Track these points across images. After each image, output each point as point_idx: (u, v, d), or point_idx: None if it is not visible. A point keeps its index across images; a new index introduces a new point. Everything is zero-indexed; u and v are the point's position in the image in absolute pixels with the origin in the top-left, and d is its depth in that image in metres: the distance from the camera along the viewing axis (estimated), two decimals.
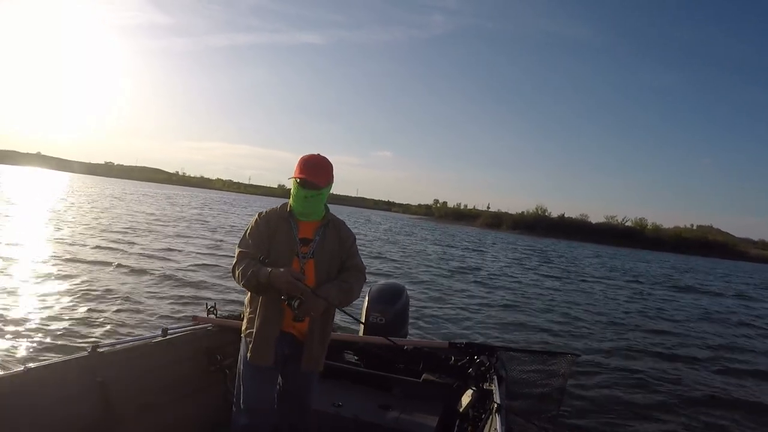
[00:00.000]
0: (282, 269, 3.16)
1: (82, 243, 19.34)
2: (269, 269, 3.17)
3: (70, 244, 18.56)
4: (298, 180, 3.34)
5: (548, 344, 11.79)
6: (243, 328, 3.48)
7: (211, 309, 4.94)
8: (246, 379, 3.45)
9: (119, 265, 15.05)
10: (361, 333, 5.55)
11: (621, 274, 37.30)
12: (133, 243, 21.04)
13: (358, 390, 4.97)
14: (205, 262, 17.85)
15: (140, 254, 18.00)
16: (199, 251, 20.79)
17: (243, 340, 3.47)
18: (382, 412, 4.61)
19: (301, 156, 3.41)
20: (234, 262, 3.35)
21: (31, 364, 3.40)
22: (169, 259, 17.69)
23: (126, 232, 24.88)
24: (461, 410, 4.47)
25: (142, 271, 14.57)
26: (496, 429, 3.42)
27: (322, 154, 3.47)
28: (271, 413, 3.52)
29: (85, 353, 3.73)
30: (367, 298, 5.70)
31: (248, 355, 3.39)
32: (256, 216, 3.49)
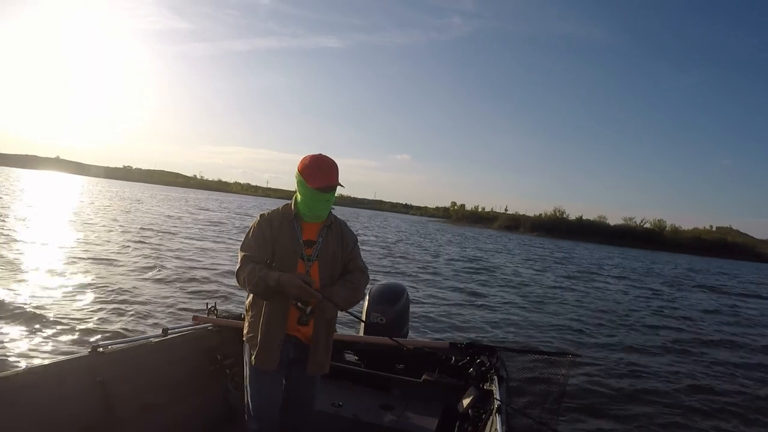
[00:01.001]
0: (292, 274, 3.13)
1: (92, 243, 19.68)
2: (278, 274, 3.12)
3: (81, 245, 18.88)
4: (320, 188, 3.25)
5: (552, 344, 11.78)
6: (245, 331, 3.43)
7: (212, 309, 4.94)
8: (252, 383, 3.42)
9: (123, 265, 15.26)
10: (361, 333, 5.54)
11: (636, 276, 37.20)
12: (140, 243, 21.30)
13: (359, 390, 4.97)
14: (206, 262, 17.95)
15: (143, 255, 18.15)
16: (203, 252, 20.89)
17: (246, 344, 3.43)
18: (383, 412, 4.61)
19: (308, 160, 3.30)
20: (238, 266, 3.28)
21: (31, 364, 3.45)
22: (172, 260, 17.81)
23: (135, 233, 25.23)
24: (461, 410, 4.43)
25: (145, 272, 14.70)
26: (496, 429, 3.39)
27: (324, 154, 3.37)
28: (274, 416, 3.48)
29: (85, 353, 3.73)
30: (367, 298, 5.68)
31: (253, 359, 3.35)
32: (258, 217, 3.43)
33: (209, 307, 4.97)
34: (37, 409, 3.25)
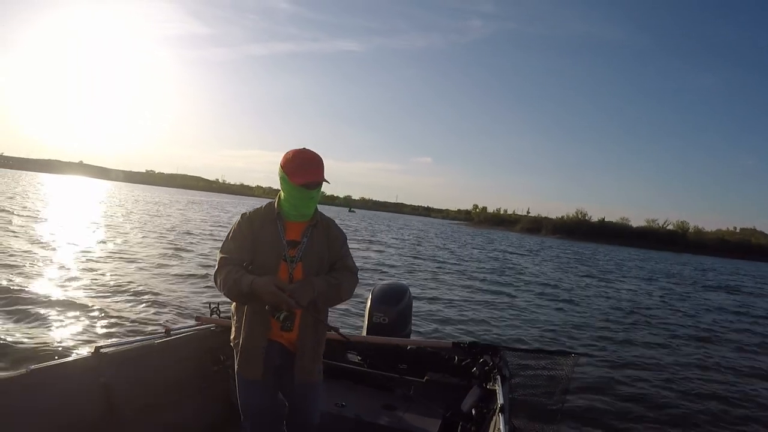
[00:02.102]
0: (265, 278, 2.97)
1: (106, 245, 19.91)
2: (252, 278, 2.98)
3: (94, 246, 19.11)
4: (303, 184, 3.09)
5: (559, 342, 11.76)
6: (231, 337, 3.30)
7: (214, 309, 4.94)
8: (240, 390, 3.31)
9: (129, 266, 15.41)
10: (364, 333, 5.53)
11: (655, 277, 36.74)
12: (150, 245, 21.54)
13: (361, 390, 4.96)
14: (209, 262, 17.83)
15: (150, 256, 18.30)
16: (207, 252, 20.92)
17: (233, 350, 3.29)
18: (385, 412, 4.60)
19: (290, 155, 3.15)
20: (215, 268, 3.14)
21: (34, 365, 3.39)
22: (176, 260, 17.98)
23: (145, 235, 25.61)
24: (465, 410, 4.42)
25: (149, 271, 14.84)
26: (499, 429, 3.35)
27: (307, 148, 3.19)
28: (271, 424, 3.41)
29: (88, 354, 3.73)
30: (370, 298, 5.67)
31: (236, 367, 3.26)
32: (239, 217, 3.26)
33: (212, 307, 4.97)
34: (41, 410, 3.25)
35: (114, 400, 3.68)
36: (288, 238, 3.19)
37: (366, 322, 5.59)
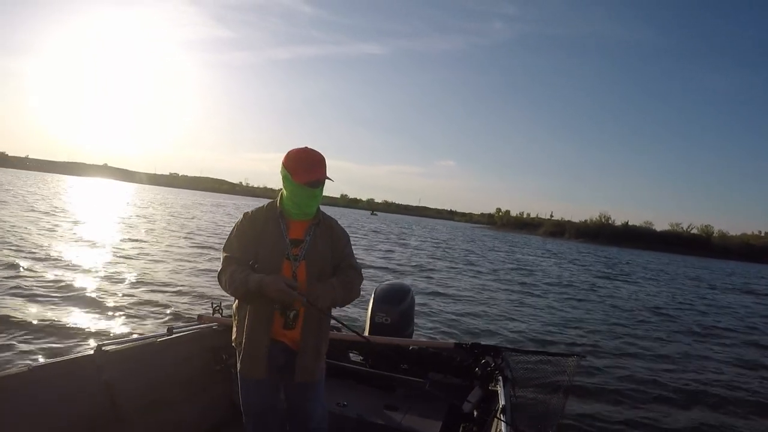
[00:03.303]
0: (273, 276, 2.98)
1: (123, 244, 20.33)
2: (260, 276, 2.98)
3: (105, 247, 19.35)
4: (307, 182, 3.10)
5: (565, 344, 11.69)
6: (233, 337, 3.29)
7: (217, 308, 4.96)
8: (242, 389, 3.34)
9: (133, 266, 15.52)
10: (366, 333, 5.53)
11: (676, 280, 36.44)
12: (156, 246, 21.68)
13: (363, 390, 4.96)
14: (212, 262, 18.00)
15: (155, 256, 18.45)
16: (210, 253, 21.01)
17: (236, 350, 3.30)
18: (387, 412, 4.60)
19: (293, 153, 3.15)
20: (220, 268, 3.17)
21: (36, 363, 3.43)
22: (181, 261, 18.06)
23: (155, 236, 25.90)
24: (466, 411, 4.40)
25: (151, 272, 14.92)
26: (501, 430, 3.34)
27: (310, 147, 3.20)
28: (273, 423, 3.43)
29: (90, 352, 3.75)
30: (372, 298, 5.69)
31: (238, 367, 3.26)
32: (242, 216, 3.27)
33: (214, 306, 4.99)
34: (42, 408, 3.26)
35: (116, 399, 3.70)
36: (291, 236, 3.19)
37: (368, 322, 5.60)
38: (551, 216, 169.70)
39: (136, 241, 22.70)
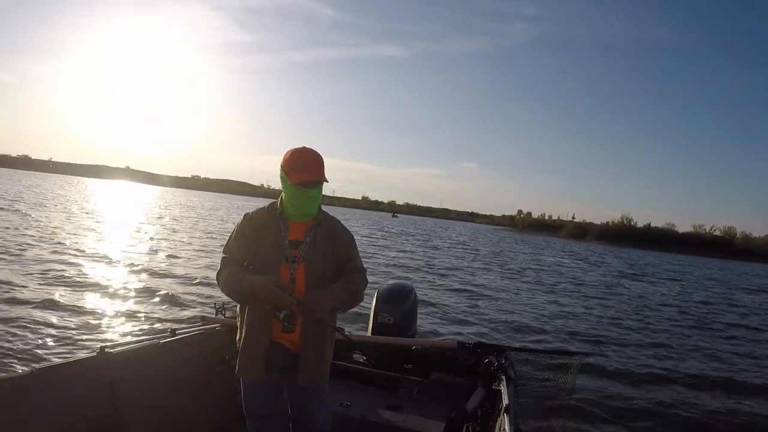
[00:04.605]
0: (265, 277, 2.95)
1: (135, 246, 20.53)
2: (252, 277, 2.96)
3: (111, 248, 19.52)
4: (301, 182, 3.06)
5: (563, 344, 11.64)
6: (237, 338, 3.28)
7: (220, 309, 4.98)
8: (243, 392, 3.34)
9: (138, 267, 15.68)
10: (369, 333, 5.55)
11: (696, 282, 36.00)
12: (161, 247, 21.82)
13: (366, 390, 4.96)
14: (214, 263, 17.83)
15: (160, 257, 18.62)
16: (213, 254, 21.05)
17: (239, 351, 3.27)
18: (390, 412, 4.60)
19: (289, 154, 3.13)
20: (218, 269, 3.16)
21: (39, 365, 3.46)
22: (184, 262, 18.21)
23: (163, 237, 26.12)
24: (469, 410, 4.41)
25: (155, 272, 15.06)
26: (504, 429, 3.32)
27: (308, 147, 3.17)
28: (274, 427, 3.42)
29: (93, 354, 3.77)
30: (375, 298, 5.69)
31: (237, 368, 3.24)
32: (242, 217, 3.25)
33: (217, 307, 5.01)
34: (46, 410, 3.27)
35: (119, 401, 3.71)
36: (290, 237, 3.15)
37: (371, 322, 5.60)
38: (573, 218, 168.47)
39: (152, 239, 23.24)
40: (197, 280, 14.39)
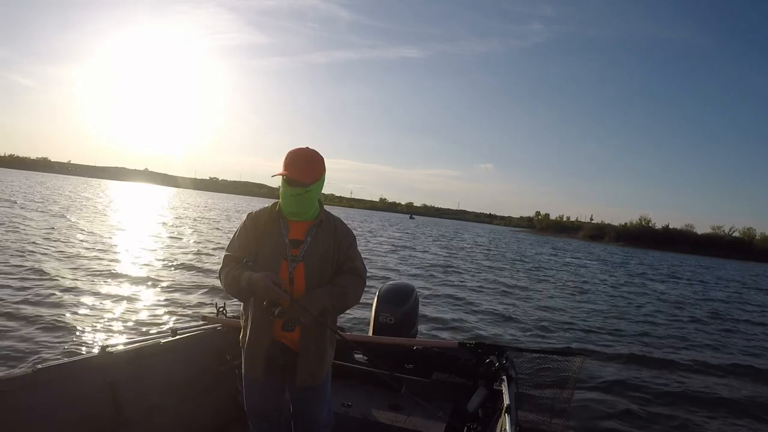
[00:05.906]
0: (261, 274, 2.93)
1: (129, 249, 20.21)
2: (249, 274, 2.96)
3: (113, 248, 19.54)
4: (285, 177, 3.08)
5: (567, 345, 11.56)
6: (240, 337, 3.30)
7: (221, 309, 4.99)
8: (245, 390, 3.35)
9: (140, 267, 15.68)
10: (370, 333, 5.55)
11: (709, 283, 35.77)
12: (165, 248, 21.88)
13: (368, 390, 4.97)
14: (215, 263, 17.79)
15: (161, 257, 18.58)
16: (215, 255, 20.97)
17: (242, 350, 3.30)
18: (392, 412, 4.61)
19: (288, 151, 3.14)
20: (221, 266, 3.18)
21: (40, 364, 3.46)
22: (188, 261, 18.22)
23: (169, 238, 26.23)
24: (471, 410, 4.41)
25: (157, 273, 15.06)
26: (505, 429, 3.32)
27: (312, 148, 3.18)
28: (274, 425, 3.41)
29: (94, 353, 3.78)
30: (376, 298, 5.68)
31: (242, 367, 3.27)
32: (245, 217, 3.27)
33: (218, 307, 5.02)
34: (47, 410, 3.27)
35: (120, 400, 3.71)
36: (291, 237, 3.15)
37: (372, 322, 5.59)
38: (591, 219, 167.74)
39: (158, 238, 23.39)
40: (199, 280, 14.45)
